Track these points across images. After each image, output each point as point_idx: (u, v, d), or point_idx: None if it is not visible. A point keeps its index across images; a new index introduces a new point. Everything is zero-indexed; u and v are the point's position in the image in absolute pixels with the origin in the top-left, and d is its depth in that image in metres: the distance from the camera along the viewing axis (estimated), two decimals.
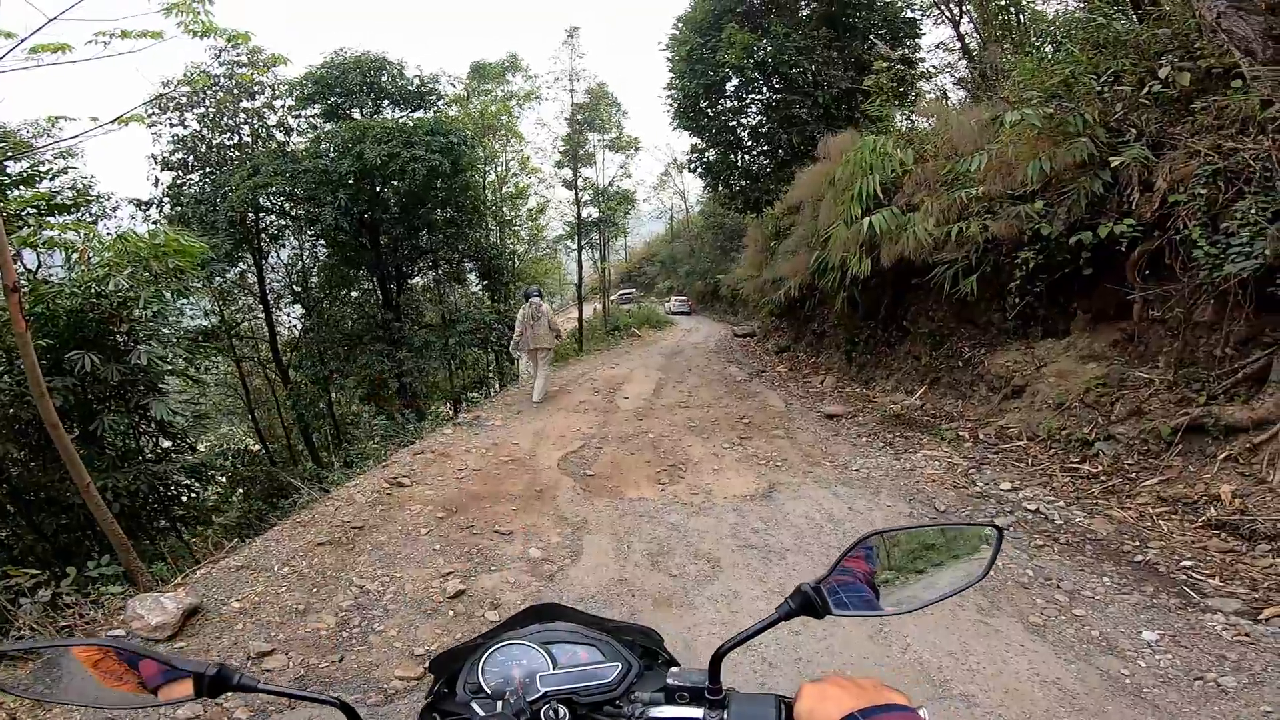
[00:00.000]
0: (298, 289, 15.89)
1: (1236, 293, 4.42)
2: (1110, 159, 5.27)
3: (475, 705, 0.92)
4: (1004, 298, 6.59)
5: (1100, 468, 4.94)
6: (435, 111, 15.42)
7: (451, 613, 3.89)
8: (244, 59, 13.46)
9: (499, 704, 0.90)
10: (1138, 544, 4.01)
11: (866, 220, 7.81)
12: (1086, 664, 2.94)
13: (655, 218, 39.84)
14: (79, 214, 9.71)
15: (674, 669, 0.93)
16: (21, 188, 8.71)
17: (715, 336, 18.60)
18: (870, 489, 5.45)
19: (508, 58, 19.20)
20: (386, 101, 15.19)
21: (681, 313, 28.87)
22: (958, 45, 12.17)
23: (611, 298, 26.68)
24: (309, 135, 15.00)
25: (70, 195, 9.95)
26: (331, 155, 13.06)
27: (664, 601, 3.80)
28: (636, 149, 22.09)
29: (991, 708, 2.68)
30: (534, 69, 20.36)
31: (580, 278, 20.12)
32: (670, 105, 15.37)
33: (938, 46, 13.61)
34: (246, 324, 15.90)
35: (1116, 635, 3.13)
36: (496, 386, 15.80)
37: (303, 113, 15.27)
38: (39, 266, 8.01)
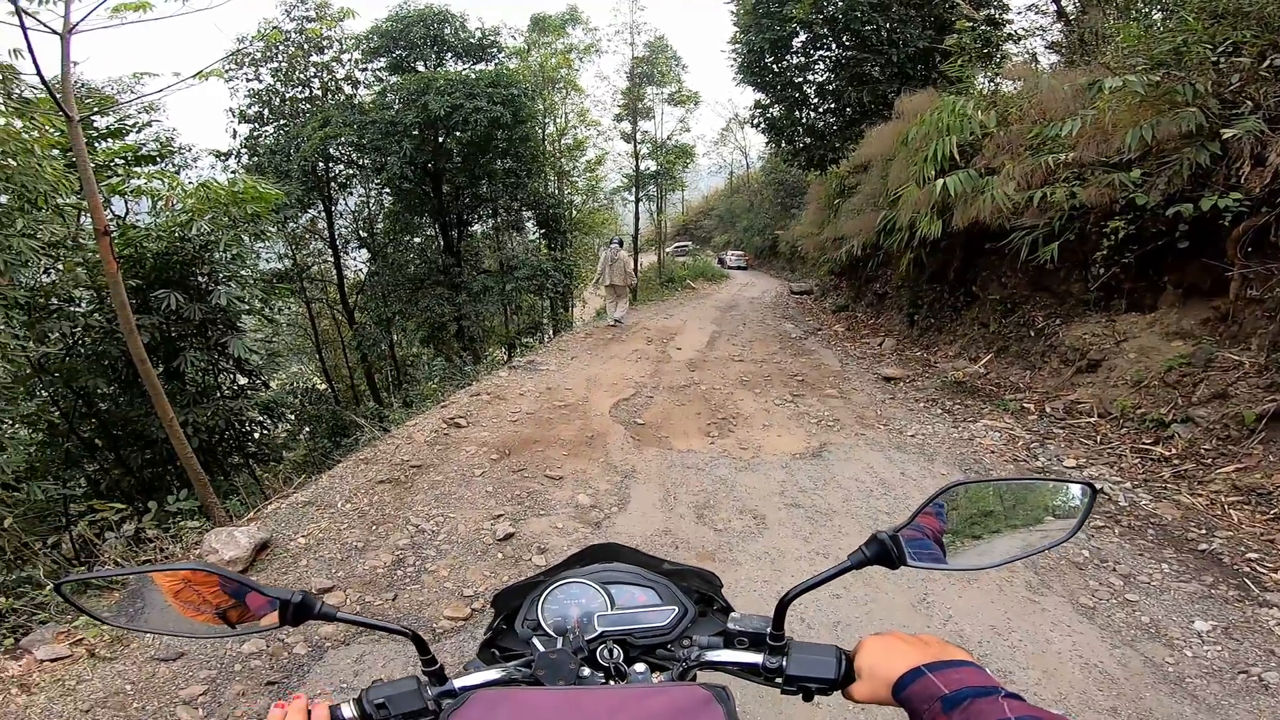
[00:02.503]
0: (364, 234, 16.39)
1: None
2: (1222, 130, 4.82)
3: (536, 641, 0.94)
4: (1087, 267, 6.22)
5: (1174, 451, 4.69)
6: (496, 64, 15.41)
7: (500, 555, 4.01)
8: (312, 14, 13.67)
9: (558, 641, 0.92)
10: (1203, 532, 3.83)
11: (940, 181, 7.46)
12: (1131, 649, 2.88)
13: (714, 172, 38.94)
14: (163, 164, 10.19)
15: (735, 614, 0.94)
16: (109, 140, 9.17)
17: (771, 292, 18.29)
18: (925, 455, 5.34)
19: (567, 10, 18.89)
20: (449, 54, 15.25)
21: (738, 267, 28.44)
22: (1052, 8, 11.21)
23: (667, 250, 26.41)
24: (375, 88, 15.29)
25: (154, 147, 10.44)
26: (397, 107, 13.28)
27: (708, 555, 3.85)
28: (696, 103, 21.55)
29: (1027, 685, 2.66)
30: (594, 22, 20.09)
31: (636, 229, 20.03)
32: (734, 60, 14.83)
33: (1028, 8, 12.52)
34: (316, 267, 16.54)
35: (1167, 623, 3.04)
36: (551, 333, 16.07)
37: (369, 66, 15.55)
38: (127, 213, 8.42)
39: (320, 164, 14.59)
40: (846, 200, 11.74)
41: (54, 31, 5.17)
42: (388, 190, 15.80)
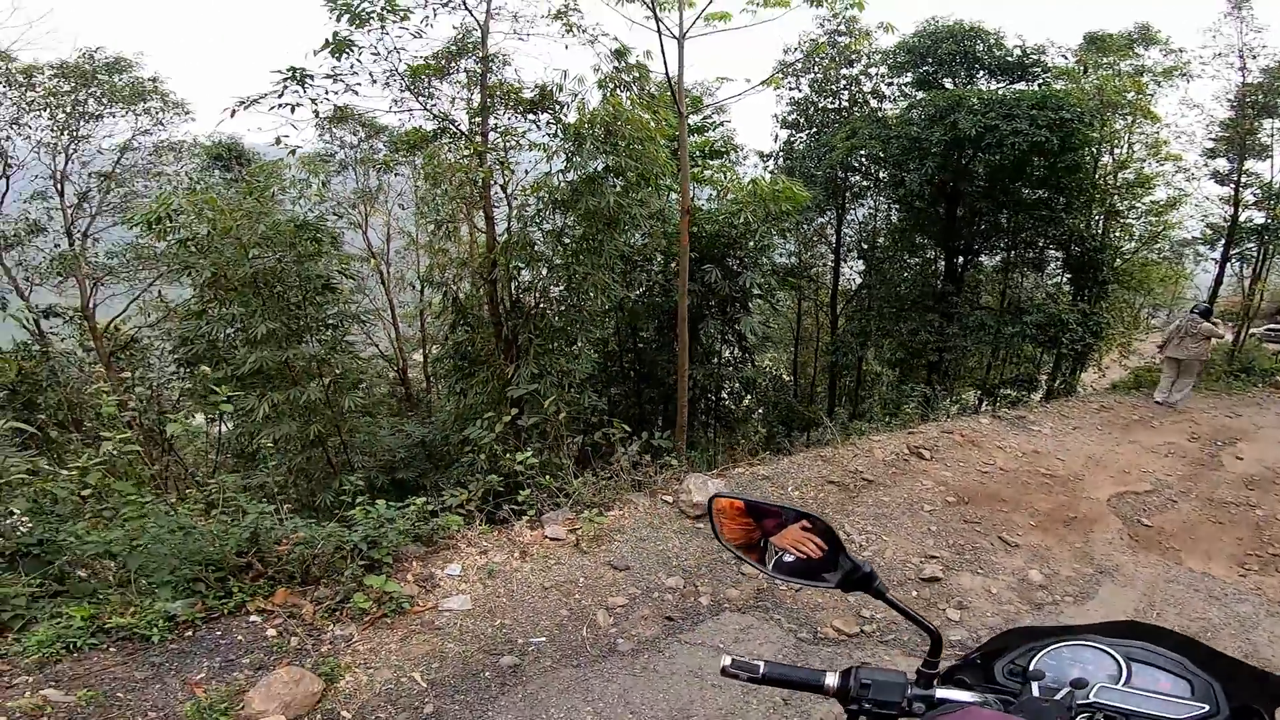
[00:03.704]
0: (865, 246, 16.87)
1: None
2: None
3: (1034, 685, 0.91)
4: None
5: None
6: (1041, 84, 13.65)
7: (915, 594, 3.86)
8: (843, 28, 14.36)
9: (1060, 693, 0.87)
10: None
11: None
12: None
13: None
14: (723, 159, 12.35)
15: None
16: (694, 135, 11.45)
17: None
18: None
19: (1137, 29, 15.29)
20: (981, 71, 14.19)
21: None
22: None
23: (1254, 330, 19.20)
24: (901, 103, 15.27)
25: (721, 144, 12.67)
26: (922, 123, 13.03)
27: None
28: None
29: None
30: (1177, 42, 15.62)
31: (1213, 296, 15.24)
32: None
33: None
34: (816, 269, 17.82)
35: None
36: (1044, 391, 13.85)
37: (895, 80, 15.60)
38: (693, 197, 10.54)
39: (840, 173, 15.42)
40: None
41: (674, 36, 6.75)
42: (897, 206, 15.83)
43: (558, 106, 7.52)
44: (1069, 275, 14.88)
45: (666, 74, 7.00)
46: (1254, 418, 9.09)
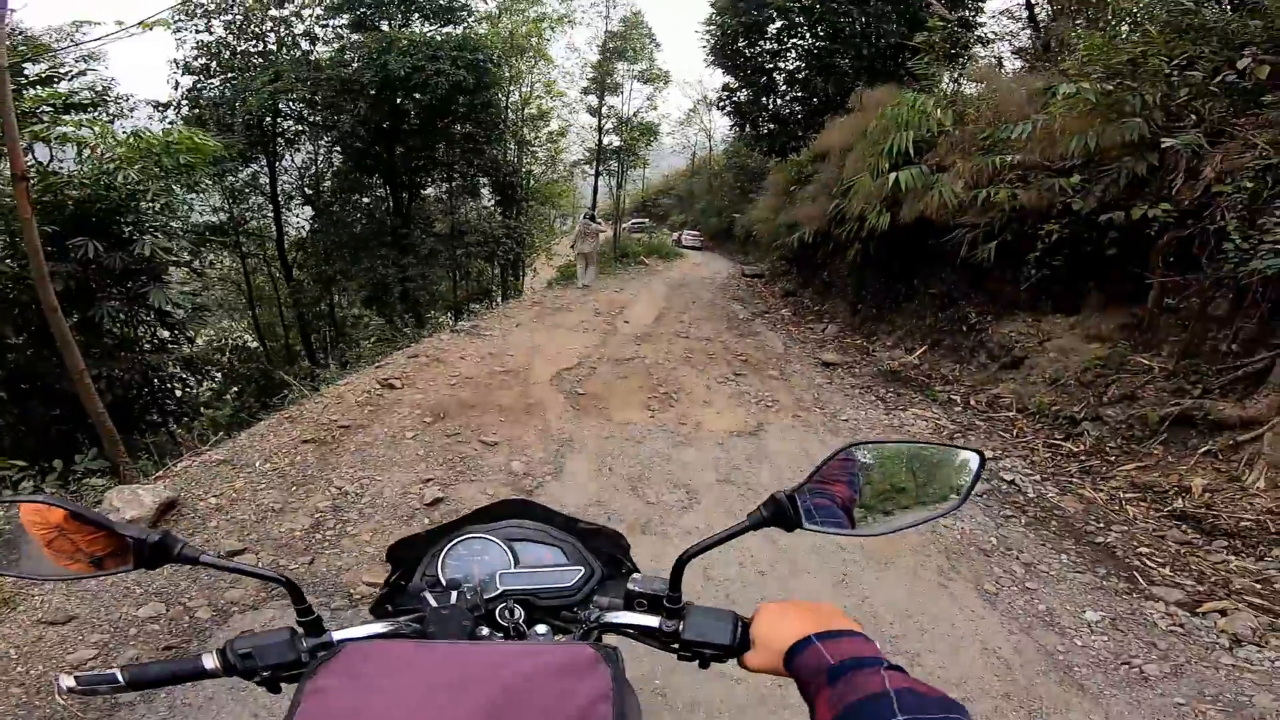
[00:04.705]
0: (309, 191, 15.87)
1: (1256, 290, 4.30)
2: (1162, 141, 5.03)
3: (429, 596, 0.88)
4: (1020, 268, 6.45)
5: (1082, 447, 4.95)
6: (465, 28, 14.99)
7: (427, 520, 3.93)
8: None
9: (453, 597, 0.87)
10: (1101, 525, 4.02)
11: (893, 175, 7.66)
12: (1027, 636, 2.97)
13: (677, 152, 38.60)
14: (96, 113, 9.80)
15: (635, 575, 0.92)
16: (38, 87, 8.68)
17: (723, 273, 18.41)
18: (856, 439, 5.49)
19: None
20: (416, 14, 14.81)
21: (693, 247, 28.60)
22: (1025, 14, 11.45)
23: (624, 225, 26.23)
24: (335, 45, 14.86)
25: (89, 95, 10.15)
26: (355, 65, 12.89)
27: (637, 527, 3.86)
28: (666, 82, 21.58)
29: (933, 668, 2.74)
30: None
31: (594, 203, 19.87)
32: (707, 41, 14.92)
33: (1002, 13, 12.72)
34: (255, 222, 15.91)
35: (1061, 612, 3.16)
36: (499, 300, 15.86)
37: (330, 22, 15.04)
38: (51, 160, 8.04)
39: (267, 118, 14.16)
40: (803, 188, 11.90)
41: None
42: (338, 149, 15.35)
43: None
44: (498, 198, 17.07)
45: None
46: (631, 289, 12.44)
